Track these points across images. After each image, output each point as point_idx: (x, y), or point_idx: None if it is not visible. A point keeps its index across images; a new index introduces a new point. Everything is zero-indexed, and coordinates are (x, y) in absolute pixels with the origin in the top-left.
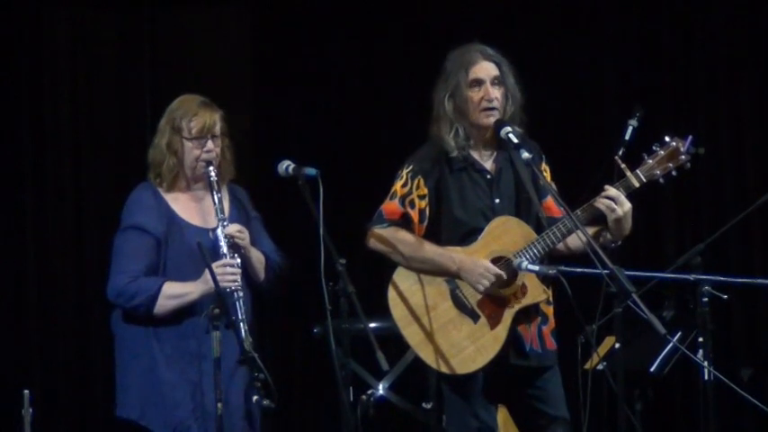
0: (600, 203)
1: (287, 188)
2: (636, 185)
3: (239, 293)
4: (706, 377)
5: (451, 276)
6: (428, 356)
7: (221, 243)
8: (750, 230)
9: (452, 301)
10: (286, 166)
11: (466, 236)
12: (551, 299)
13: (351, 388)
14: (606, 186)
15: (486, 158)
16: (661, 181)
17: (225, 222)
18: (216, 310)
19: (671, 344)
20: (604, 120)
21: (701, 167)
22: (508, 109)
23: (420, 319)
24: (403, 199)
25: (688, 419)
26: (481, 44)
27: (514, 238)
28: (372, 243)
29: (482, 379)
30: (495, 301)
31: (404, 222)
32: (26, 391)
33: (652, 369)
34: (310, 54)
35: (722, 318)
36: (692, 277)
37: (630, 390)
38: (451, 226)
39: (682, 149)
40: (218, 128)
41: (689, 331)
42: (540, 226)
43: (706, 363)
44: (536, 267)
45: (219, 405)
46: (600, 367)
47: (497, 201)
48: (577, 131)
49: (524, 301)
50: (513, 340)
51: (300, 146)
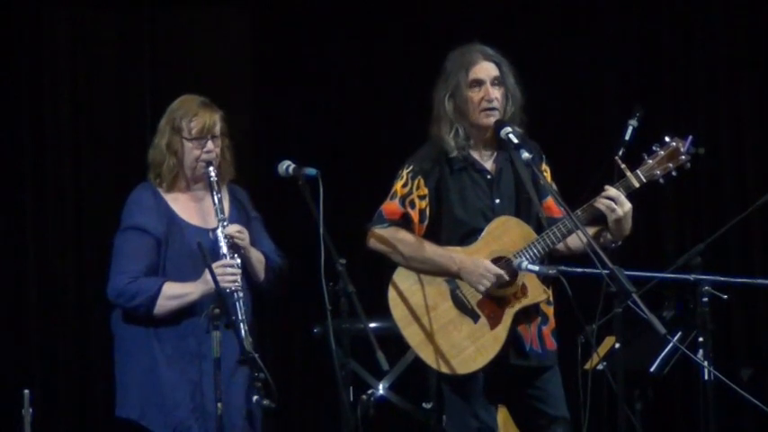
0: (600, 203)
1: (287, 188)
2: (636, 185)
3: (239, 294)
4: (706, 377)
5: (452, 276)
6: (428, 356)
7: (221, 243)
8: (750, 230)
9: (452, 302)
10: (286, 167)
11: (466, 236)
12: (551, 299)
13: (351, 388)
14: (606, 186)
15: (486, 159)
16: (661, 181)
17: (225, 223)
18: (216, 310)
19: (671, 344)
20: (604, 120)
21: (701, 167)
22: (508, 109)
23: (420, 320)
24: (403, 199)
25: (688, 419)
26: (481, 44)
27: (514, 239)
28: (372, 243)
29: (482, 379)
30: (495, 302)
31: (404, 222)
32: (26, 391)
33: (652, 369)
34: (310, 54)
35: (722, 318)
36: (692, 277)
37: (630, 390)
38: (452, 226)
39: (682, 149)
40: (218, 128)
41: (689, 331)
42: (541, 226)
43: (706, 363)
44: (536, 267)
45: (219, 405)
46: (600, 367)
47: (497, 201)
48: (577, 131)
49: (524, 301)
50: (513, 340)
51: (300, 146)
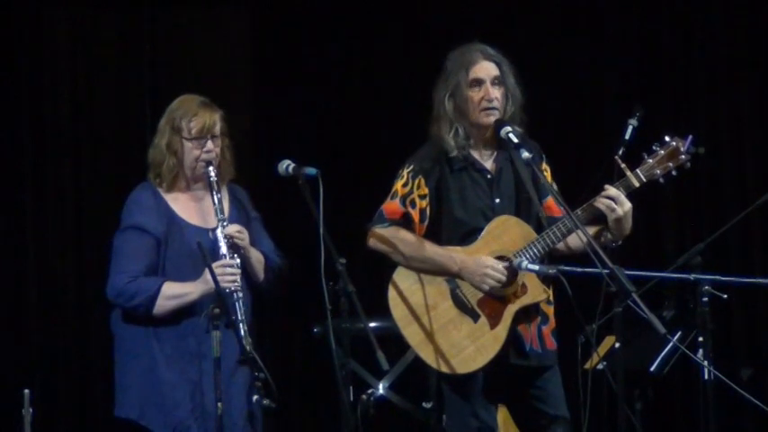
0: (600, 203)
1: (287, 188)
2: (636, 185)
3: (239, 294)
4: (706, 377)
5: (452, 276)
6: (428, 356)
7: (221, 243)
8: (750, 230)
9: (452, 301)
10: (286, 166)
11: (466, 235)
12: (551, 298)
13: (351, 388)
14: (606, 186)
15: (486, 158)
16: (661, 181)
17: (224, 222)
18: (216, 310)
19: (671, 343)
20: (604, 120)
21: (701, 167)
22: (508, 109)
23: (420, 319)
24: (404, 199)
25: (688, 419)
26: (481, 44)
27: (514, 238)
28: (373, 243)
29: (482, 379)
30: (495, 301)
31: (405, 222)
32: (26, 391)
33: (652, 369)
34: (310, 54)
35: (722, 318)
36: (692, 277)
37: (630, 389)
38: (452, 226)
39: (682, 149)
40: (217, 128)
41: (689, 331)
42: (541, 226)
43: (706, 362)
44: (536, 267)
45: (219, 405)
46: (600, 367)
47: (497, 200)
48: (577, 131)
49: (524, 301)
50: (513, 340)
51: (300, 146)
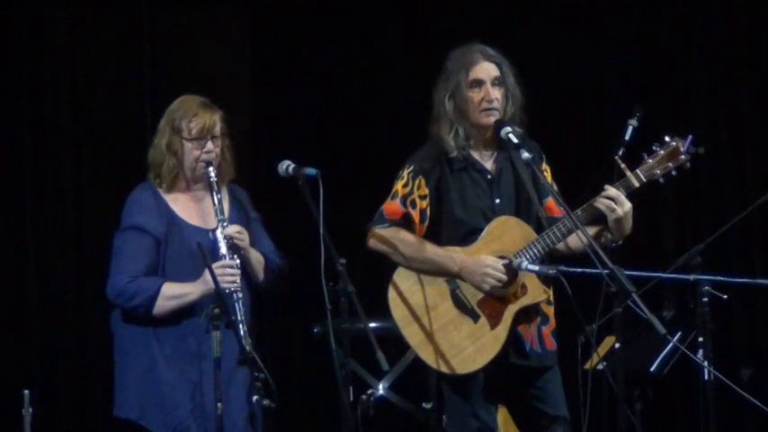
0: (600, 203)
1: (287, 188)
2: (636, 185)
3: (238, 294)
4: (706, 377)
5: (452, 277)
6: (428, 356)
7: (221, 244)
8: (750, 230)
9: (452, 301)
10: (286, 166)
11: (466, 236)
12: (551, 299)
13: (351, 388)
14: (606, 186)
15: (486, 158)
16: (661, 181)
17: (224, 223)
18: (216, 310)
19: (671, 344)
20: (604, 120)
21: (701, 167)
22: (508, 109)
23: (420, 320)
24: (404, 199)
25: (688, 419)
26: (482, 44)
27: (514, 238)
28: (373, 243)
29: (482, 379)
30: (495, 301)
31: (405, 222)
32: (26, 391)
33: (652, 369)
34: (310, 54)
35: (722, 318)
36: (692, 277)
37: (630, 390)
38: (452, 226)
39: (682, 149)
40: (217, 128)
41: (689, 331)
42: (541, 226)
43: (706, 363)
44: (536, 267)
45: (219, 405)
46: (600, 367)
47: (498, 201)
48: (577, 131)
49: (524, 301)
50: (513, 340)
51: (300, 146)
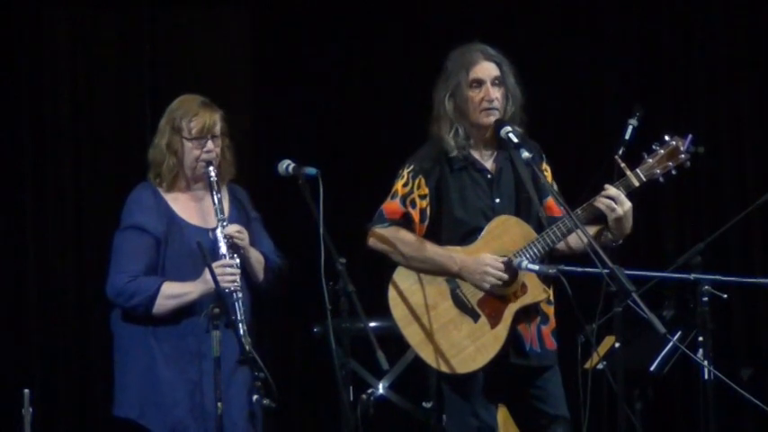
0: (600, 203)
1: (287, 188)
2: (636, 184)
3: (238, 294)
4: (706, 377)
5: (452, 276)
6: (428, 356)
7: (220, 243)
8: (750, 230)
9: (452, 301)
10: (286, 166)
11: (466, 235)
12: (552, 298)
13: (351, 387)
14: (606, 186)
15: (486, 158)
16: (661, 180)
17: (224, 223)
18: (216, 310)
19: (671, 343)
20: (604, 120)
21: (701, 167)
22: (508, 109)
23: (420, 319)
24: (404, 198)
25: (688, 419)
26: (482, 44)
27: (514, 238)
28: (373, 242)
29: (482, 378)
30: (495, 301)
31: (405, 222)
32: (26, 391)
33: (652, 368)
34: (310, 54)
35: (722, 317)
36: (692, 277)
37: (630, 389)
38: (452, 225)
39: (681, 148)
40: (218, 128)
41: (689, 331)
42: (541, 225)
43: (706, 362)
44: (536, 267)
45: (219, 404)
46: (600, 367)
47: (498, 200)
48: (577, 131)
49: (525, 300)
50: (513, 340)
51: (300, 146)
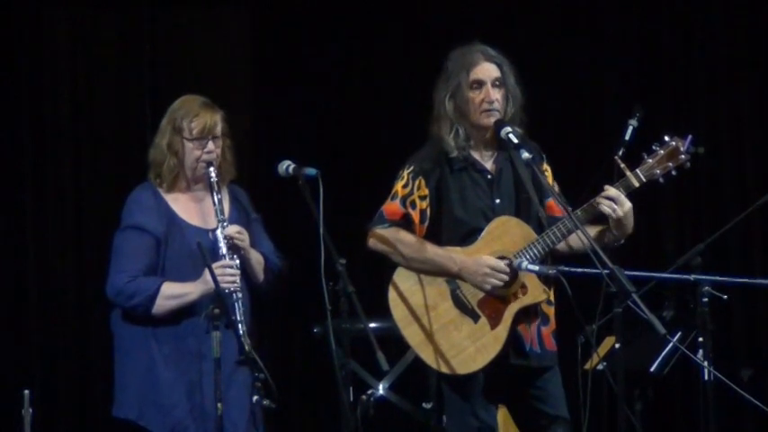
0: (600, 203)
1: (287, 188)
2: (636, 185)
3: (238, 294)
4: (706, 377)
5: (452, 277)
6: (428, 356)
7: (221, 244)
8: (750, 230)
9: (453, 302)
10: (286, 166)
11: (466, 236)
12: (552, 299)
13: (351, 388)
14: (606, 186)
15: (486, 159)
16: (661, 180)
17: (224, 223)
18: (216, 311)
19: (671, 344)
20: (604, 120)
21: (701, 167)
22: (509, 110)
23: (420, 320)
24: (404, 199)
25: (688, 419)
26: (482, 44)
27: (514, 239)
28: (373, 243)
29: (482, 379)
30: (495, 301)
31: (405, 223)
32: (26, 391)
33: (652, 369)
34: (310, 54)
35: (722, 318)
36: (692, 277)
37: (630, 390)
38: (452, 226)
39: (681, 149)
40: (218, 129)
41: (689, 331)
42: (541, 226)
43: (706, 363)
44: (536, 267)
45: (219, 405)
46: (600, 367)
47: (498, 201)
48: (577, 131)
49: (525, 301)
50: (513, 340)
51: (300, 146)
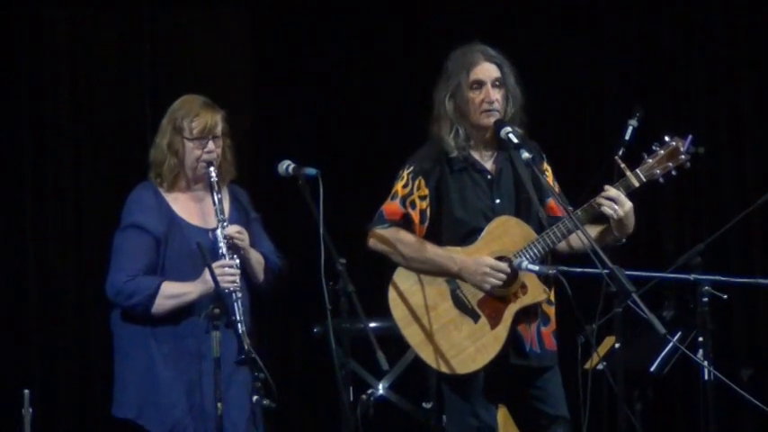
0: (600, 204)
1: (287, 188)
2: (636, 185)
3: (237, 294)
4: (706, 377)
5: (452, 277)
6: (428, 356)
7: (220, 244)
8: (750, 230)
9: (453, 301)
10: (286, 166)
11: (467, 236)
12: (552, 299)
13: (351, 388)
14: (606, 186)
15: (486, 159)
16: (661, 180)
17: (224, 223)
18: (216, 310)
19: (671, 344)
20: (604, 120)
21: (701, 167)
22: (509, 110)
23: (420, 320)
24: (404, 199)
25: (688, 419)
26: (482, 44)
27: (514, 238)
28: (373, 243)
29: (482, 379)
30: (495, 301)
31: (405, 223)
32: (26, 391)
33: (652, 369)
34: (310, 54)
35: (722, 318)
36: (692, 277)
37: (630, 390)
38: (452, 226)
39: (681, 149)
40: (219, 128)
41: (689, 331)
42: (541, 226)
43: (706, 363)
44: (536, 267)
45: (219, 405)
46: (600, 367)
47: (498, 201)
48: (577, 131)
49: (525, 301)
50: (513, 340)
51: (300, 146)
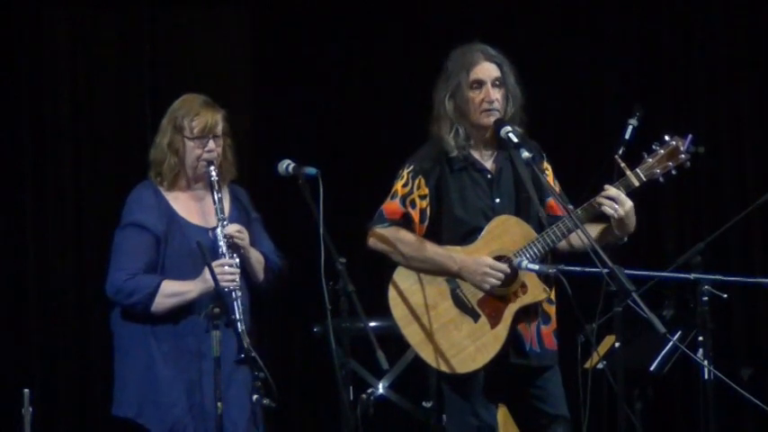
0: (600, 203)
1: (287, 188)
2: (636, 184)
3: (237, 293)
4: (706, 376)
5: (452, 276)
6: (428, 356)
7: (221, 243)
8: (750, 230)
9: (453, 301)
10: (286, 166)
11: (466, 235)
12: (552, 298)
13: (351, 387)
14: (606, 186)
15: (486, 158)
16: (661, 180)
17: (225, 222)
18: (216, 310)
19: (671, 343)
20: (604, 120)
21: (701, 167)
22: (509, 110)
23: (420, 319)
24: (404, 199)
25: (688, 419)
26: (482, 44)
27: (514, 238)
28: (373, 243)
29: (482, 378)
30: (495, 301)
31: (405, 222)
32: (26, 391)
33: (652, 368)
34: (310, 54)
35: (722, 317)
36: (692, 276)
37: (630, 389)
38: (452, 225)
39: (681, 148)
40: (219, 128)
41: (689, 330)
42: (541, 225)
43: (706, 362)
44: (536, 266)
45: (219, 404)
46: (600, 366)
47: (498, 200)
48: (577, 131)
49: (525, 300)
50: (513, 339)
51: (300, 146)
